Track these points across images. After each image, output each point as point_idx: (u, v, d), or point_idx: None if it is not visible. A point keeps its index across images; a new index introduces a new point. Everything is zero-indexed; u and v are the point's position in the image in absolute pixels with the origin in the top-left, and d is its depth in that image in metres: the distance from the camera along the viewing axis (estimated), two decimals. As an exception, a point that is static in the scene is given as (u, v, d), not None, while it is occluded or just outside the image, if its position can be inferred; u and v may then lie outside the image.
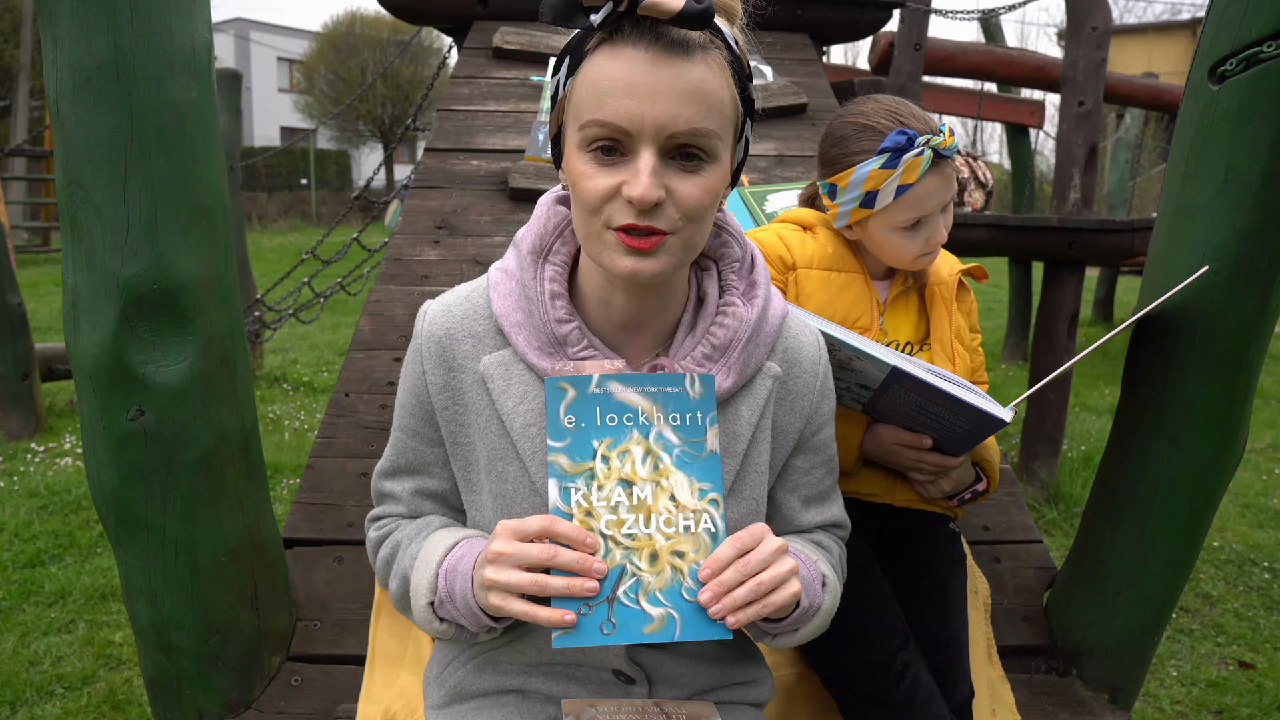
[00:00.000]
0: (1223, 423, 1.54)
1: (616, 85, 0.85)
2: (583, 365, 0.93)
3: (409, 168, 18.49)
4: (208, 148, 1.51)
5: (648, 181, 0.86)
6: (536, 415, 0.97)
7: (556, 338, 0.97)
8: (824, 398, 1.09)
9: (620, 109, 0.85)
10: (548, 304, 0.98)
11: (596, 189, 0.88)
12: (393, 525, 1.09)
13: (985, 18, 6.14)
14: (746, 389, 1.02)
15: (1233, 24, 1.40)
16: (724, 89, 0.89)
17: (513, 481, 0.99)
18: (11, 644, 2.56)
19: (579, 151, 0.89)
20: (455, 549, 0.97)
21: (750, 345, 1.01)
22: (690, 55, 0.86)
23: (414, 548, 1.02)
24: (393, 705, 1.41)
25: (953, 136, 1.36)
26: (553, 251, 1.02)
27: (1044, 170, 13.03)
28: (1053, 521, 3.80)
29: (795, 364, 1.07)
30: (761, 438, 1.03)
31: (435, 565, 0.96)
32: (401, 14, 3.44)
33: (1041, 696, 1.71)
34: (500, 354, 0.99)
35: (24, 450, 4.28)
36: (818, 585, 1.03)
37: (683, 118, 0.86)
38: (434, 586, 0.96)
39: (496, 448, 0.99)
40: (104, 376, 1.43)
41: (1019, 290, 6.96)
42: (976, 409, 1.26)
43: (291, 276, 6.82)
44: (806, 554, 1.06)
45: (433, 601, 0.97)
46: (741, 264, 1.05)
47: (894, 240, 1.41)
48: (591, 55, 0.88)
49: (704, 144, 0.88)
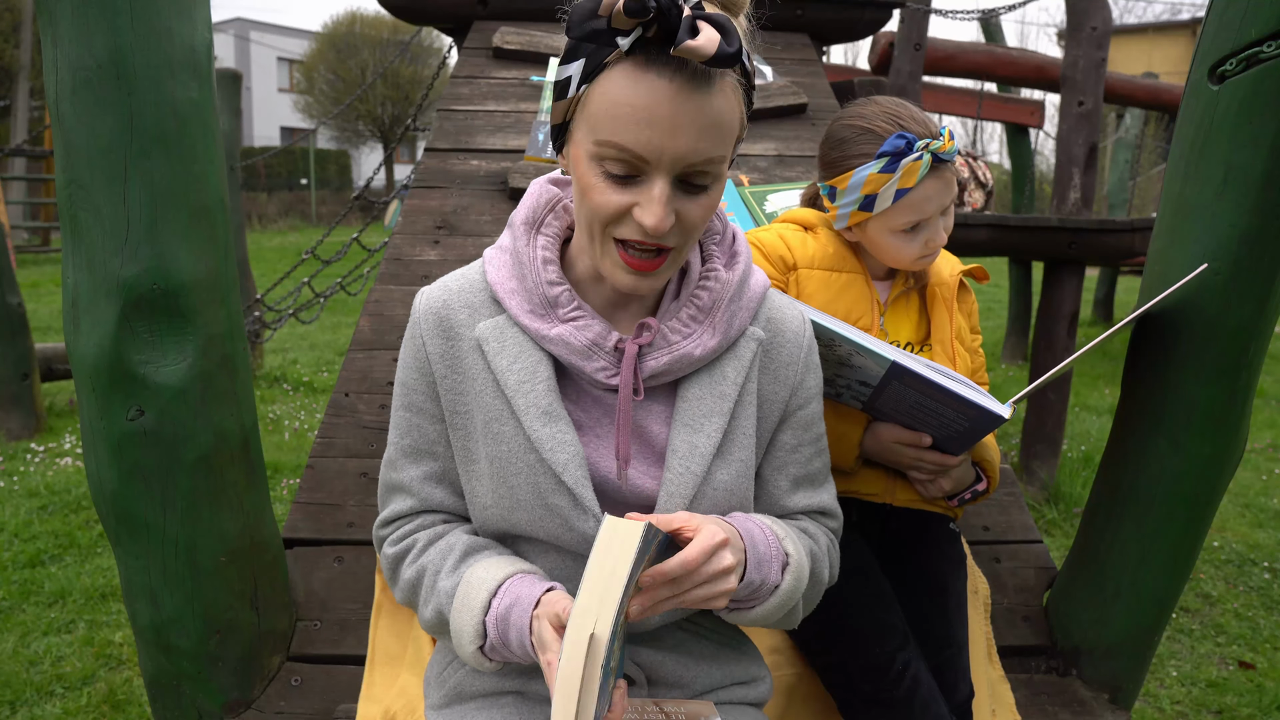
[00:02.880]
0: (1223, 423, 1.54)
1: (638, 113, 0.85)
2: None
3: (409, 168, 18.49)
4: (208, 148, 1.51)
5: (661, 212, 0.88)
6: (530, 374, 1.00)
7: (548, 299, 1.00)
8: (809, 370, 1.11)
9: (641, 138, 0.86)
10: (540, 268, 1.01)
11: (608, 205, 0.90)
12: (410, 540, 1.07)
13: (985, 18, 6.14)
14: (731, 351, 1.05)
15: (1233, 24, 1.40)
16: (735, 111, 0.91)
17: (508, 442, 1.00)
18: (11, 644, 2.56)
19: (591, 162, 0.91)
20: (500, 595, 0.96)
21: (733, 305, 1.04)
22: (711, 86, 0.86)
23: (446, 582, 1.01)
24: (393, 705, 1.41)
25: (952, 140, 1.36)
26: (545, 224, 1.05)
27: (1044, 170, 13.02)
28: (1053, 521, 3.80)
29: (779, 333, 1.09)
30: (747, 400, 1.05)
31: (480, 612, 0.96)
32: (401, 14, 3.43)
33: (1041, 696, 1.71)
34: (495, 319, 1.02)
35: (24, 450, 4.28)
36: (774, 565, 1.01)
37: (700, 150, 0.88)
38: (480, 632, 0.96)
39: (492, 410, 1.01)
40: (104, 376, 1.43)
41: (1019, 290, 6.96)
42: (975, 405, 1.26)
43: (291, 276, 6.81)
44: (773, 530, 1.03)
45: (481, 646, 0.97)
46: (723, 237, 1.08)
47: (893, 243, 1.41)
48: (612, 68, 0.87)
49: (714, 169, 0.91)
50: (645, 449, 1.03)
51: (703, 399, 1.03)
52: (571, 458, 0.99)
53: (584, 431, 1.03)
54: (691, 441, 1.01)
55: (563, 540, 1.02)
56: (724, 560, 0.92)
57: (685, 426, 1.02)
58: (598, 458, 1.02)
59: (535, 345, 1.01)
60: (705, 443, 1.01)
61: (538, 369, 1.00)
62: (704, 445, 1.01)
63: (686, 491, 1.01)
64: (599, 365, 1.00)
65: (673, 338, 1.01)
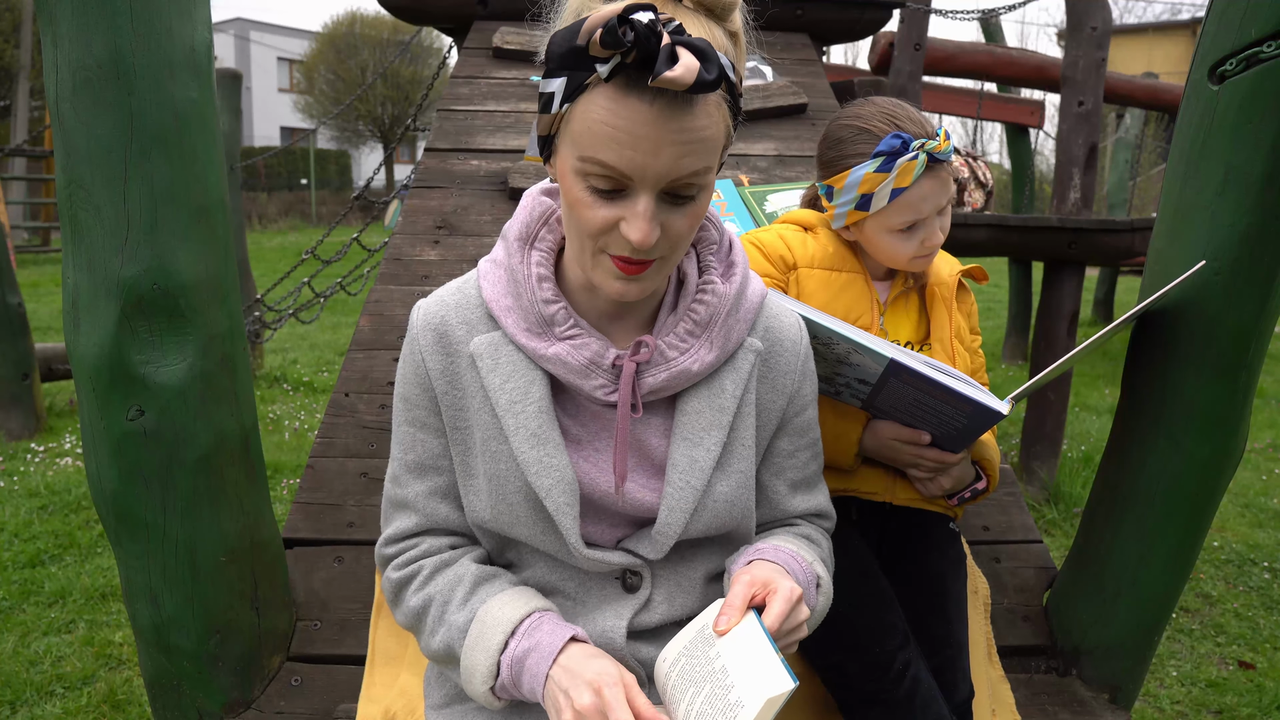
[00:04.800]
0: (1223, 423, 1.54)
1: (619, 134, 0.85)
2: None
3: (409, 168, 18.49)
4: (208, 148, 1.51)
5: (646, 228, 0.88)
6: (521, 394, 0.99)
7: (544, 318, 1.00)
8: (805, 378, 1.12)
9: (624, 158, 0.86)
10: (534, 286, 1.00)
11: (594, 219, 0.90)
12: (416, 566, 1.06)
13: (985, 18, 6.14)
14: (730, 363, 1.05)
15: (1233, 24, 1.40)
16: (720, 124, 0.89)
17: (504, 461, 1.00)
18: (11, 644, 2.56)
19: (575, 177, 0.90)
20: (518, 637, 0.96)
21: (730, 319, 1.04)
22: (693, 107, 0.85)
23: (457, 617, 1.00)
24: (393, 705, 1.41)
25: (949, 140, 1.36)
26: (539, 239, 1.04)
27: (1044, 170, 13.03)
28: (1053, 521, 3.80)
29: (777, 342, 1.09)
30: (746, 411, 1.05)
31: (495, 652, 0.96)
32: (401, 14, 3.44)
33: (1041, 696, 1.71)
34: (490, 335, 1.02)
35: (24, 450, 4.28)
36: (813, 589, 1.05)
37: (684, 166, 0.87)
38: (493, 672, 0.96)
39: (489, 428, 1.01)
40: (104, 376, 1.43)
41: (1019, 290, 6.96)
42: (973, 401, 1.26)
43: (291, 276, 6.82)
44: (802, 555, 1.07)
45: (493, 686, 0.97)
46: (719, 246, 1.07)
47: (890, 242, 1.41)
48: (593, 89, 0.86)
49: (700, 180, 0.90)
50: (644, 462, 1.04)
51: (701, 412, 1.02)
52: (556, 483, 0.98)
53: (583, 446, 1.03)
54: (691, 455, 1.02)
55: (559, 554, 1.03)
56: (801, 613, 0.98)
57: (685, 440, 1.02)
58: (596, 473, 1.02)
59: (530, 363, 1.00)
60: (705, 456, 1.02)
61: (530, 389, 1.00)
62: (704, 459, 1.02)
63: (687, 505, 1.01)
64: (597, 383, 1.00)
65: (670, 353, 1.01)
